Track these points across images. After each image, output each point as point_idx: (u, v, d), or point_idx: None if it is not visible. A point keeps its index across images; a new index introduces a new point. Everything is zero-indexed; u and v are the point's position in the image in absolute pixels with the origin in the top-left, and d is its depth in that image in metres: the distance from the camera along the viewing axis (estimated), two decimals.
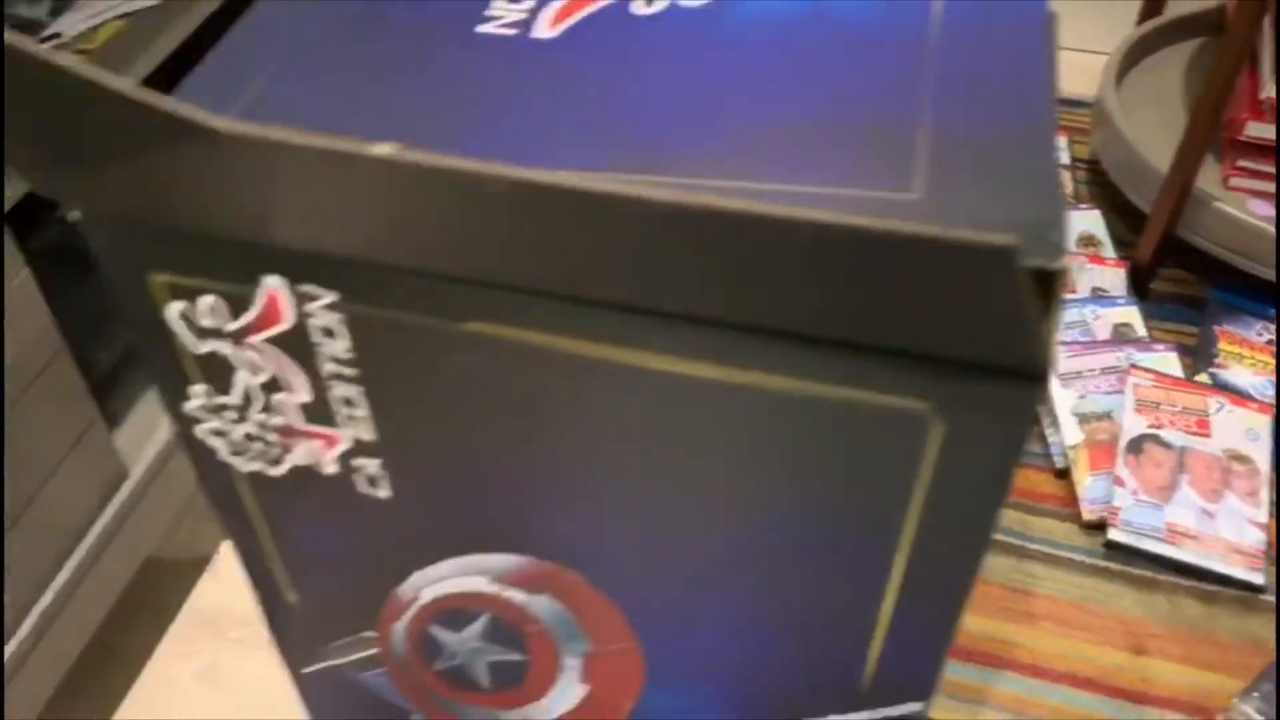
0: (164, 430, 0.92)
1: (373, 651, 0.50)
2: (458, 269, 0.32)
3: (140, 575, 0.97)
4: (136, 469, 0.91)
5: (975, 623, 0.99)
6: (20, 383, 0.77)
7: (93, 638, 0.91)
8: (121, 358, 0.94)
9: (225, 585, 1.12)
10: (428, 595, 0.45)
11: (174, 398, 0.39)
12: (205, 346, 0.37)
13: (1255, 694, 0.92)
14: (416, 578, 0.45)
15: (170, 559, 1.05)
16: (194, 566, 1.06)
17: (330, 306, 0.34)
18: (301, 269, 0.34)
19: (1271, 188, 1.11)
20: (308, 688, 0.54)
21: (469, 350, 0.34)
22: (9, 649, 0.79)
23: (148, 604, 1.02)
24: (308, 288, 0.34)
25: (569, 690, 0.48)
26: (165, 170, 0.31)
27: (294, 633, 0.50)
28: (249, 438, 0.40)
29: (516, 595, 0.44)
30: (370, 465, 0.40)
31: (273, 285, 0.34)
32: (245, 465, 0.41)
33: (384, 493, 0.41)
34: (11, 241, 0.75)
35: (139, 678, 1.03)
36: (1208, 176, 1.12)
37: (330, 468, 0.40)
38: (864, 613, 0.39)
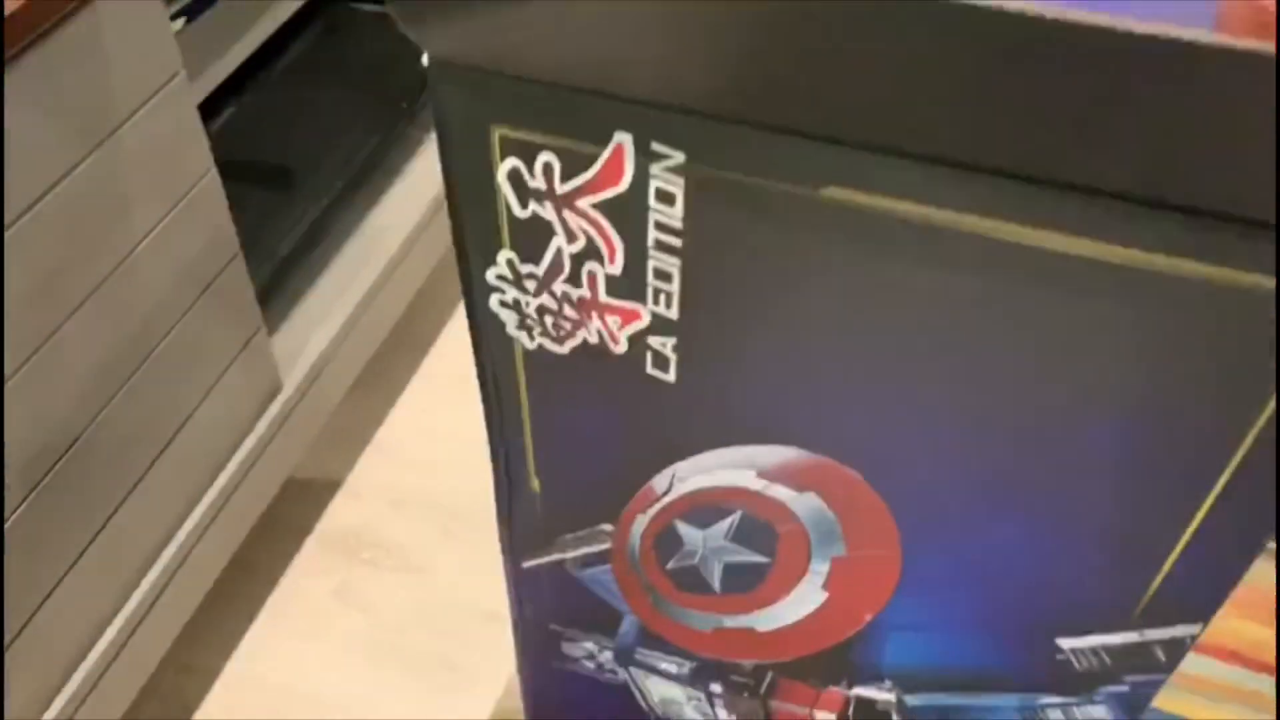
0: (317, 343, 0.93)
1: (605, 546, 0.49)
2: (830, 126, 0.31)
3: (277, 493, 0.98)
4: (289, 382, 0.92)
5: None
6: (196, 287, 0.77)
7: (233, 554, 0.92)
8: (280, 265, 0.95)
9: (358, 508, 1.13)
10: (684, 488, 0.45)
11: (480, 264, 0.39)
12: (528, 210, 0.36)
13: None
14: (678, 468, 0.44)
15: (303, 479, 1.07)
16: (327, 488, 1.07)
17: (674, 169, 0.34)
18: (653, 126, 0.33)
19: None
20: (522, 582, 0.54)
21: (813, 217, 0.33)
22: (163, 558, 0.80)
23: (283, 523, 1.03)
24: (657, 146, 0.33)
25: (807, 597, 0.48)
26: (538, 11, 0.31)
27: (528, 523, 0.50)
28: (543, 311, 0.40)
29: (781, 492, 0.43)
30: (664, 345, 0.39)
31: (621, 141, 0.34)
32: (530, 341, 0.41)
33: (670, 375, 0.40)
34: (203, 139, 0.75)
35: (273, 594, 1.04)
36: None
37: (620, 346, 0.40)
38: (1171, 524, 0.38)
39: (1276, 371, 0.32)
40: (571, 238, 0.37)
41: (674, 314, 0.38)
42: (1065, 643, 0.44)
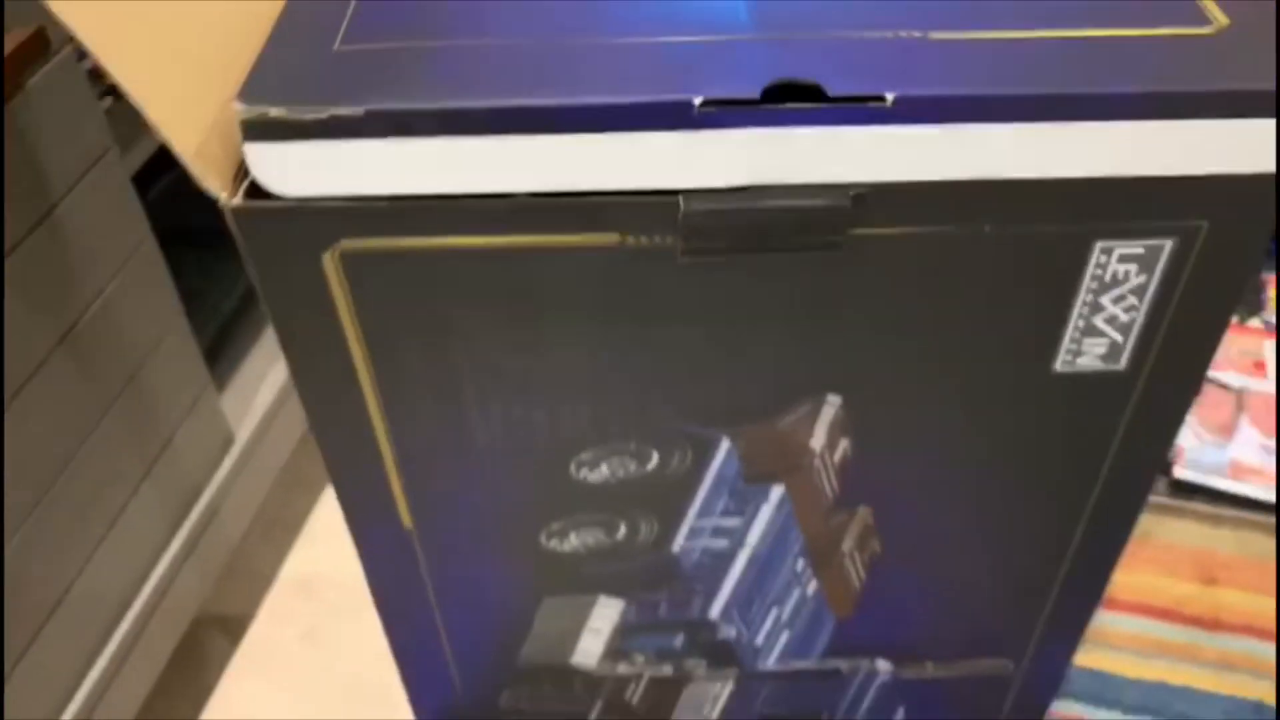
0: (265, 396, 0.96)
1: None
2: None
3: (238, 544, 1.01)
4: (242, 434, 0.95)
5: None
6: (143, 350, 0.81)
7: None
8: (224, 325, 0.98)
9: (318, 552, 1.16)
10: None
11: None
12: None
13: None
14: None
15: (262, 527, 1.09)
16: (286, 534, 1.10)
17: None
18: None
19: None
20: None
21: None
22: (133, 610, 0.83)
23: (243, 571, 1.06)
24: None
25: None
26: None
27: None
28: None
29: None
30: None
31: None
32: None
33: None
34: (139, 208, 0.79)
35: (243, 642, 1.06)
36: None
37: None
38: None
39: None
40: None
41: None
42: None
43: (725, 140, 0.31)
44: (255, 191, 0.33)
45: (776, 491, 0.46)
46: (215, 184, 0.34)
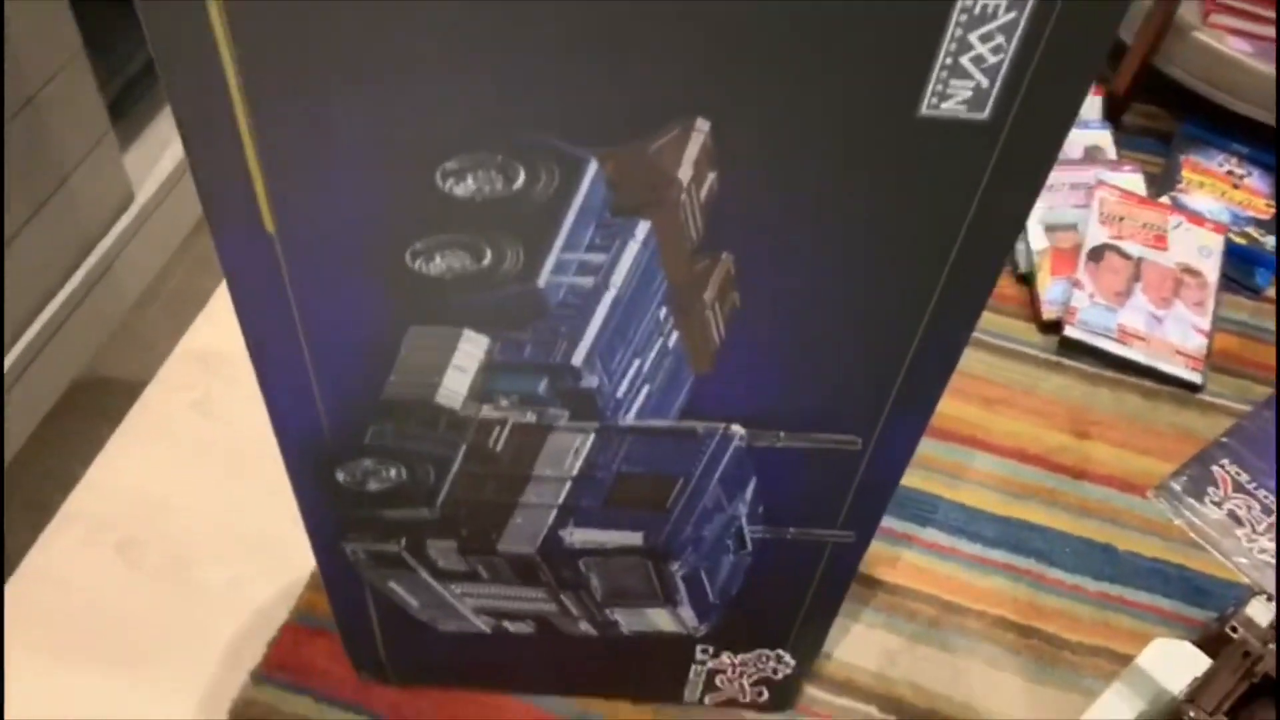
0: (170, 159, 0.94)
1: None
2: None
3: (134, 310, 1.00)
4: (142, 194, 0.93)
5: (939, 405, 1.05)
6: (38, 77, 0.78)
7: (87, 366, 0.94)
8: (130, 84, 0.95)
9: (218, 329, 1.15)
10: None
11: None
12: None
13: (1184, 475, 1.00)
14: None
15: (167, 298, 1.08)
16: (189, 309, 1.09)
17: None
18: None
19: (1251, 27, 1.15)
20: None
21: None
22: (10, 357, 0.82)
23: (145, 339, 1.05)
24: None
25: None
26: None
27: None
28: None
29: None
30: None
31: None
32: None
33: None
34: None
35: (135, 405, 1.06)
36: (1189, 11, 1.17)
37: None
38: None
39: None
40: None
41: None
42: None
43: None
44: None
45: (643, 227, 0.46)
46: None
